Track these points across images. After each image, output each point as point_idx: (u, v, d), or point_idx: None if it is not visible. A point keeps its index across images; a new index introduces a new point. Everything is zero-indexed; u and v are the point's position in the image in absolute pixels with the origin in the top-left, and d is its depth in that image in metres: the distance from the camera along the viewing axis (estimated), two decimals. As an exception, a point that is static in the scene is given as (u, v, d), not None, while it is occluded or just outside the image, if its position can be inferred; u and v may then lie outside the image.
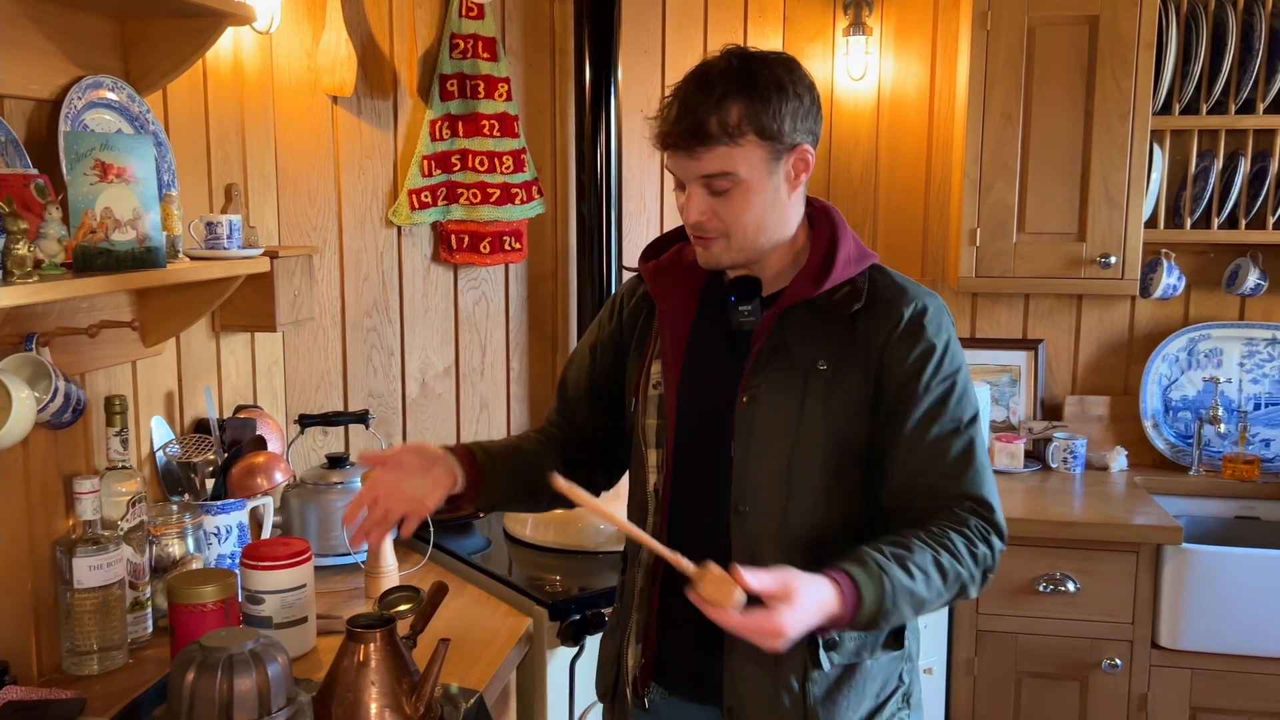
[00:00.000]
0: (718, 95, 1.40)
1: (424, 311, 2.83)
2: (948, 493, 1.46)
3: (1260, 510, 2.97)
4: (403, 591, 1.76)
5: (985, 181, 2.86)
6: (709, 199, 1.45)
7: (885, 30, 3.19)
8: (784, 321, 1.51)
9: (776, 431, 1.49)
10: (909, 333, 1.48)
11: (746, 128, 1.41)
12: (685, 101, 1.42)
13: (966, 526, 1.43)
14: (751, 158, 1.42)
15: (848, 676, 1.53)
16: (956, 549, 1.41)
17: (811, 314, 1.50)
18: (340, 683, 1.49)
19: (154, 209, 1.70)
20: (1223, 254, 3.06)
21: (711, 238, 1.48)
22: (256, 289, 2.21)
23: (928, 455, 1.46)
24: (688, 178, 1.46)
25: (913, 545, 1.39)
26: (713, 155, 1.41)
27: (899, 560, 1.36)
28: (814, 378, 1.48)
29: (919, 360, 1.47)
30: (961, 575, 1.41)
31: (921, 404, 1.47)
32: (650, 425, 1.58)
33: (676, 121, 1.42)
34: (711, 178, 1.43)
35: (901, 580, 1.35)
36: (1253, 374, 3.08)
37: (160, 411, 2.12)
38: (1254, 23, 2.80)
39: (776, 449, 1.49)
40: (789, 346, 1.50)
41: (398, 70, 2.70)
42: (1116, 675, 2.63)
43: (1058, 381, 3.24)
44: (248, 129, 2.39)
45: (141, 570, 1.84)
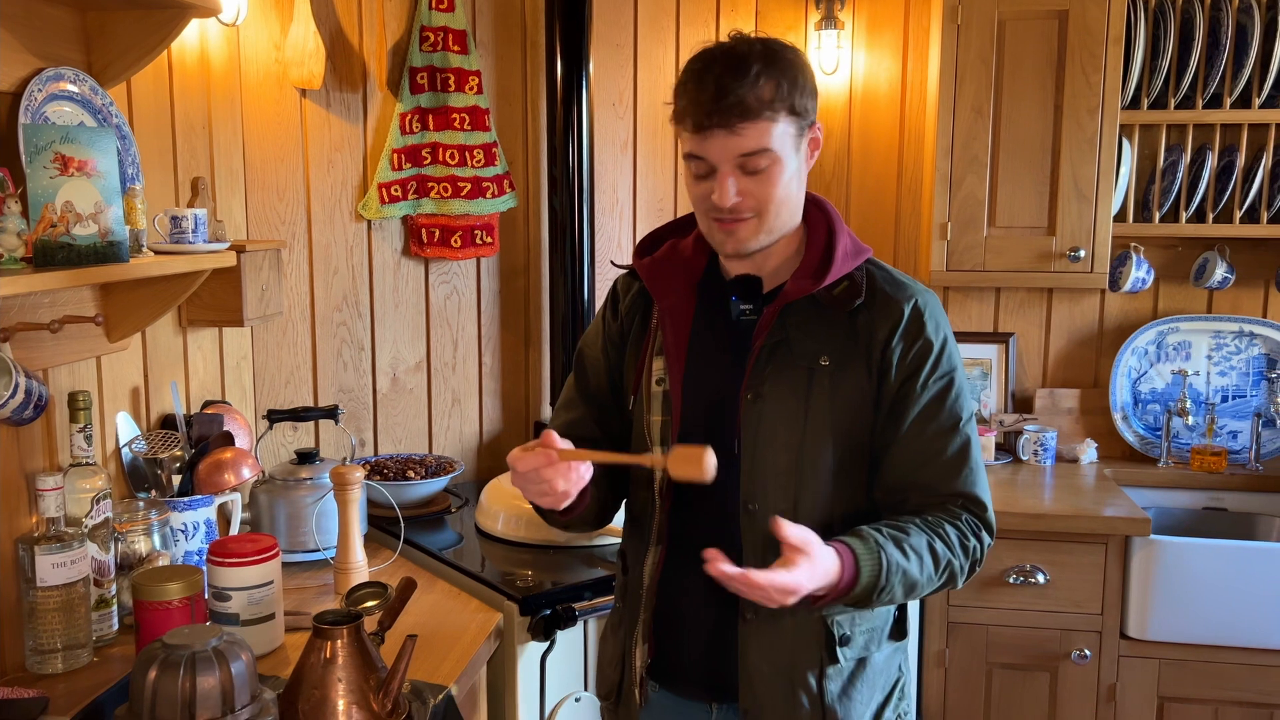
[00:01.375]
0: (755, 72, 1.40)
1: (395, 306, 2.81)
2: (941, 490, 1.49)
3: (1228, 501, 3.00)
4: (370, 588, 1.75)
5: (956, 175, 2.87)
6: (744, 180, 1.44)
7: (857, 24, 3.19)
8: (784, 318, 1.51)
9: (783, 429, 1.49)
10: (910, 329, 1.50)
11: (780, 105, 1.41)
12: (720, 80, 1.40)
13: (959, 520, 1.48)
14: (784, 134, 1.43)
15: (860, 671, 1.55)
16: (949, 537, 1.45)
17: (811, 310, 1.51)
18: (306, 680, 1.48)
19: (116, 203, 1.68)
20: (1191, 247, 3.08)
21: (744, 219, 1.46)
22: (224, 283, 2.19)
23: (924, 452, 1.49)
24: (724, 158, 1.43)
25: (909, 529, 1.44)
26: (755, 131, 1.41)
27: (895, 541, 1.41)
28: (817, 374, 1.49)
29: (918, 357, 1.49)
30: (953, 564, 1.45)
31: (920, 401, 1.49)
32: (655, 422, 1.57)
33: (716, 99, 1.40)
34: (750, 155, 1.42)
35: (897, 558, 1.39)
36: (1220, 366, 3.11)
37: (126, 407, 2.10)
38: (1221, 18, 2.81)
39: (783, 446, 1.49)
40: (790, 343, 1.50)
41: (367, 63, 2.68)
42: (1085, 666, 2.65)
43: (1028, 374, 3.25)
44: (214, 122, 2.37)
45: (106, 568, 1.82)
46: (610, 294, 1.72)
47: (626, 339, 1.65)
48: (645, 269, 1.61)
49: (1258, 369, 3.08)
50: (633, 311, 1.65)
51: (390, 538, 2.36)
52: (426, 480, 2.59)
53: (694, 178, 1.48)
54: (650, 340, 1.60)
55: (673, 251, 1.62)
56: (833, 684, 1.52)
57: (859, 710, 1.54)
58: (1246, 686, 2.60)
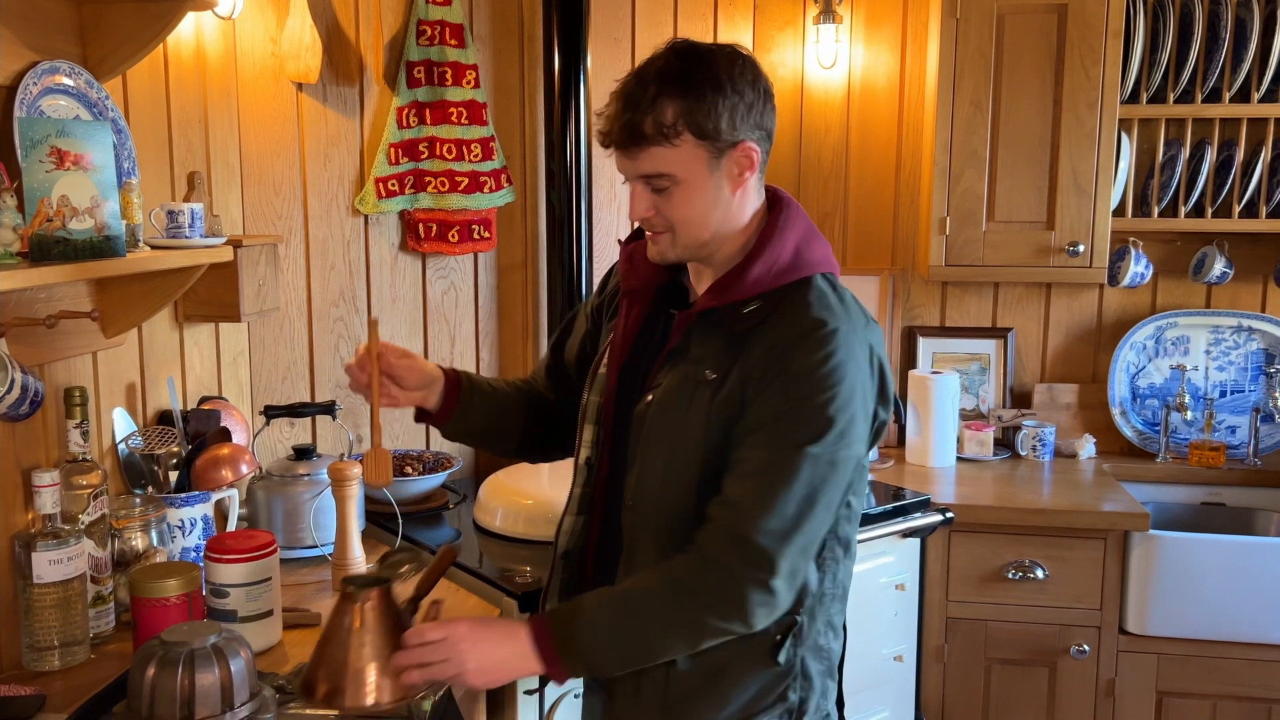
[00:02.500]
0: (651, 95, 1.39)
1: (392, 301, 2.80)
2: (718, 500, 1.42)
3: (1226, 496, 3.00)
4: (405, 553, 1.62)
5: (955, 170, 2.87)
6: (651, 196, 1.46)
7: (855, 18, 3.18)
8: (690, 328, 1.52)
9: (659, 435, 1.51)
10: (778, 354, 1.42)
11: (682, 127, 1.40)
12: (620, 101, 1.43)
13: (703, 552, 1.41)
14: (689, 158, 1.42)
15: (709, 684, 1.51)
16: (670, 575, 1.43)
17: (714, 323, 1.49)
18: (331, 643, 1.43)
19: (113, 197, 1.67)
20: (1189, 242, 3.08)
21: (659, 232, 1.49)
22: (220, 279, 2.17)
23: (730, 463, 1.44)
24: (629, 176, 1.47)
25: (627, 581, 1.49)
26: (648, 156, 1.42)
27: (599, 595, 1.47)
28: (701, 386, 1.48)
29: (769, 378, 1.42)
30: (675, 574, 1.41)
31: (749, 416, 1.43)
32: (593, 402, 1.63)
33: (613, 120, 1.43)
34: (650, 177, 1.44)
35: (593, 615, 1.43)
36: (1219, 361, 3.11)
37: (122, 403, 2.09)
38: (1220, 12, 2.81)
39: (657, 451, 1.51)
40: (687, 352, 1.51)
41: (364, 57, 2.67)
42: (1084, 661, 2.65)
43: (1027, 369, 3.25)
44: (211, 116, 2.35)
45: (103, 564, 1.81)
46: (611, 269, 1.77)
47: (603, 316, 1.72)
48: (624, 252, 1.65)
49: (1256, 364, 3.08)
50: (607, 292, 1.72)
51: (388, 534, 2.35)
52: (424, 476, 2.58)
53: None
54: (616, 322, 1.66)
55: None
56: (676, 686, 1.51)
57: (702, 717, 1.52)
58: (1245, 681, 2.60)
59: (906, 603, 2.66)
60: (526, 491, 2.43)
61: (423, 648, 1.40)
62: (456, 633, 1.41)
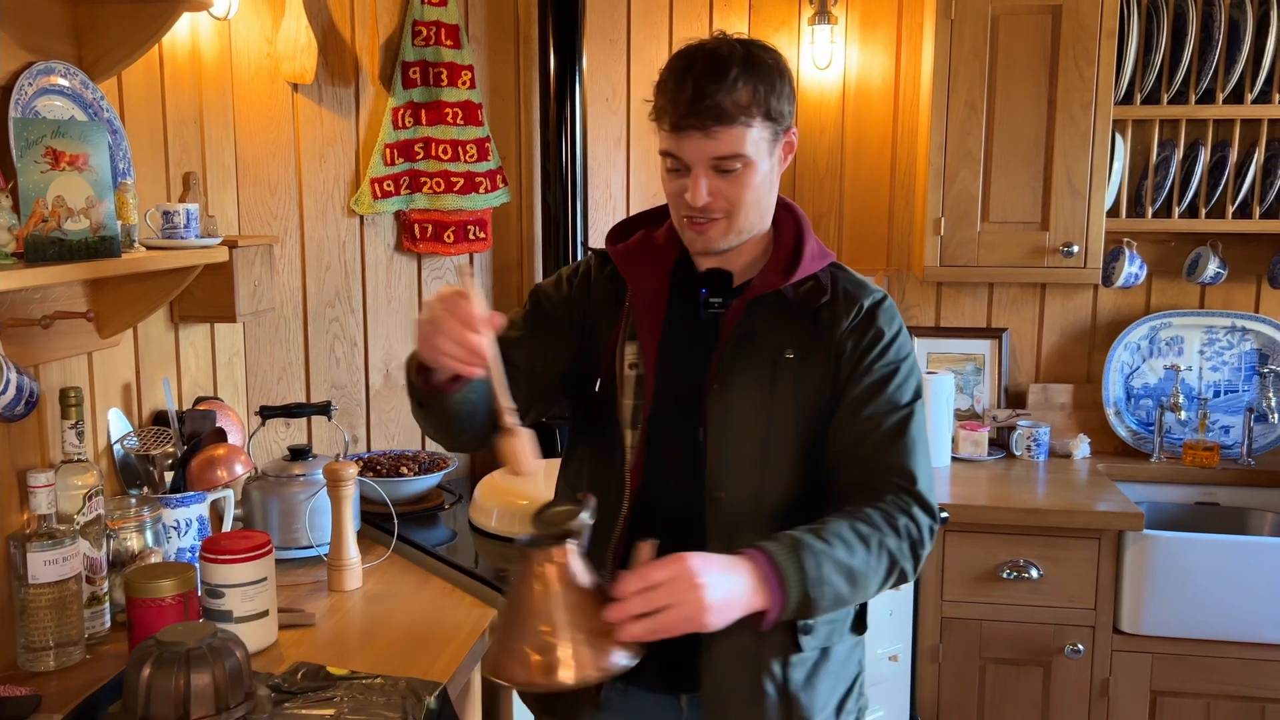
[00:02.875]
0: (732, 76, 1.41)
1: (387, 302, 2.80)
2: (874, 463, 1.48)
3: (1220, 496, 3.00)
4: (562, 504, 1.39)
5: (949, 171, 2.87)
6: (715, 181, 1.45)
7: (850, 19, 3.19)
8: (752, 312, 1.53)
9: (749, 419, 1.50)
10: (864, 321, 1.53)
11: (756, 110, 1.43)
12: (699, 81, 1.41)
13: (882, 501, 1.45)
14: (758, 139, 1.44)
15: (823, 661, 1.55)
16: (872, 519, 1.43)
17: (778, 305, 1.53)
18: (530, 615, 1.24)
19: (108, 197, 1.67)
20: (1183, 243, 3.09)
21: (714, 219, 1.48)
22: (216, 279, 2.18)
23: (860, 430, 1.50)
24: (698, 159, 1.44)
25: (826, 520, 1.41)
26: (729, 136, 1.42)
27: (812, 532, 1.38)
28: (782, 366, 1.51)
29: (867, 345, 1.52)
30: (886, 544, 1.42)
31: (861, 383, 1.50)
32: (628, 406, 1.56)
33: (693, 101, 1.41)
34: (723, 159, 1.43)
35: (817, 546, 1.35)
36: (1212, 362, 3.11)
37: (118, 403, 2.09)
38: (1214, 13, 2.82)
39: (750, 436, 1.50)
40: (756, 336, 1.52)
41: (359, 57, 2.67)
42: (1079, 660, 2.66)
43: (1021, 370, 3.26)
44: (206, 117, 2.35)
45: (99, 565, 1.81)
46: (582, 268, 1.68)
47: (588, 316, 1.63)
48: (619, 255, 1.62)
49: (1249, 364, 3.09)
50: (602, 294, 1.63)
51: (384, 534, 2.36)
52: (420, 476, 2.58)
53: (668, 175, 1.50)
54: (621, 325, 1.59)
55: (646, 240, 1.63)
56: (796, 672, 1.52)
57: (821, 701, 1.54)
58: (1239, 680, 2.60)
59: (901, 602, 2.67)
60: (522, 492, 2.44)
61: (649, 593, 1.23)
62: (689, 567, 1.24)
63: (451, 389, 1.41)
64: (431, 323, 1.29)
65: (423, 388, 1.44)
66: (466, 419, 1.49)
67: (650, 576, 1.24)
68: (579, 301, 1.64)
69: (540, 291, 1.69)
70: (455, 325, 1.26)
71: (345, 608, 2.02)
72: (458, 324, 1.26)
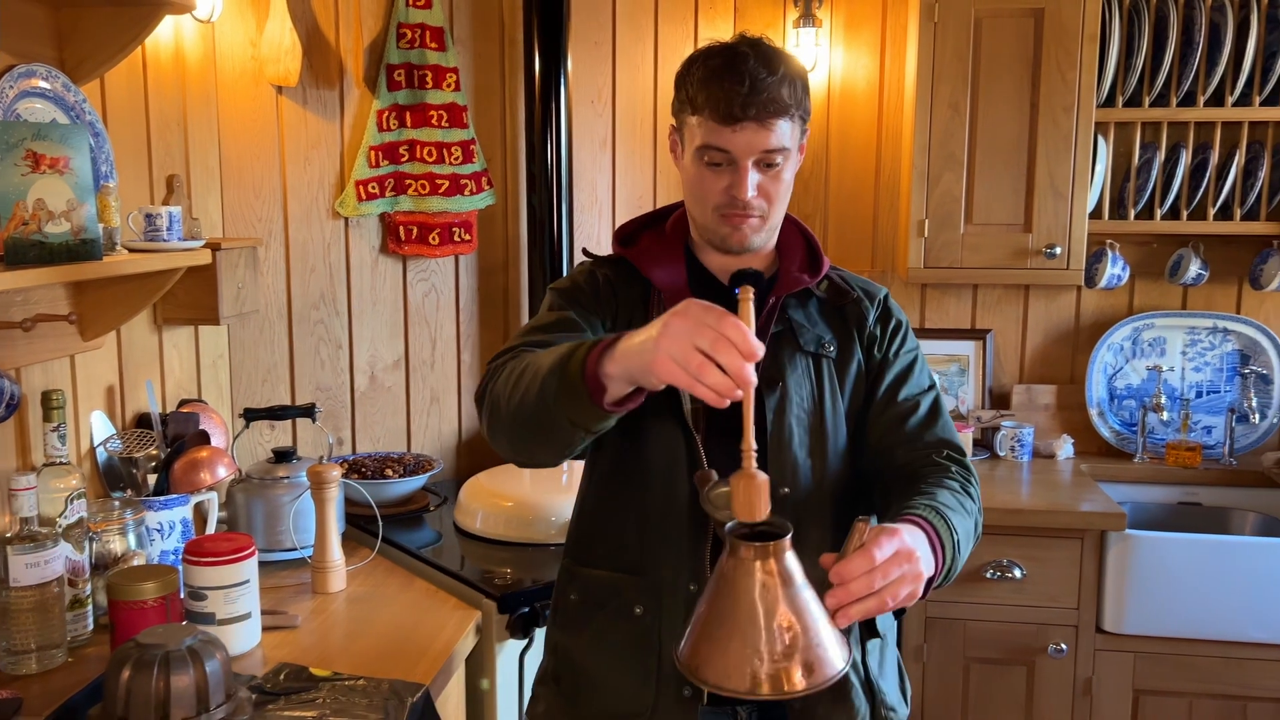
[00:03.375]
0: (781, 73, 1.43)
1: (372, 304, 2.80)
2: (922, 440, 1.54)
3: (1202, 496, 3.02)
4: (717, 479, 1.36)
5: (933, 173, 2.88)
6: (760, 175, 1.47)
7: (835, 22, 3.20)
8: (784, 310, 1.56)
9: (805, 414, 1.53)
10: (884, 312, 1.62)
11: (796, 107, 1.46)
12: (755, 74, 1.41)
13: (950, 474, 1.50)
14: (794, 135, 1.48)
15: (885, 648, 1.59)
16: (955, 489, 1.46)
17: (807, 303, 1.58)
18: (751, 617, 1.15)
19: (90, 200, 1.67)
20: (1165, 244, 3.11)
21: (752, 216, 1.49)
22: (199, 281, 2.18)
23: (900, 412, 1.56)
24: (748, 152, 1.44)
25: (929, 491, 1.42)
26: (781, 129, 1.44)
27: (931, 499, 1.39)
28: (826, 361, 1.56)
29: (892, 333, 1.61)
30: (973, 509, 1.47)
31: (893, 370, 1.58)
32: (688, 411, 1.51)
33: (751, 94, 1.41)
34: (772, 151, 1.45)
35: (946, 513, 1.37)
36: (1195, 362, 3.13)
37: (100, 406, 2.09)
38: (1195, 16, 2.84)
39: (808, 430, 1.53)
40: (795, 332, 1.55)
41: (344, 60, 2.68)
42: (1062, 660, 2.67)
43: (1005, 371, 3.27)
44: (190, 119, 2.36)
45: (81, 568, 1.81)
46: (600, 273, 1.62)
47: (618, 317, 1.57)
48: (639, 257, 1.60)
49: (1231, 364, 3.11)
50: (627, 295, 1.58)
51: (369, 536, 2.36)
52: (405, 479, 2.58)
53: (707, 170, 1.47)
54: None
55: (654, 243, 1.62)
56: (873, 660, 1.56)
57: (890, 686, 1.58)
58: (1220, 679, 2.62)
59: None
60: (507, 494, 2.44)
61: (872, 574, 1.18)
62: (905, 541, 1.22)
63: (623, 408, 1.28)
64: (701, 346, 1.14)
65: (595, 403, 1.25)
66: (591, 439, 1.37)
67: (874, 555, 1.18)
68: (608, 303, 1.59)
69: (565, 293, 1.60)
70: (734, 355, 1.13)
71: (329, 610, 2.02)
72: (738, 353, 1.13)
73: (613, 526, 1.57)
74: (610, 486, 1.59)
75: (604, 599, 1.56)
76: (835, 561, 1.19)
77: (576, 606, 1.59)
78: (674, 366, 1.15)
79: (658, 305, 1.56)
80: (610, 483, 1.59)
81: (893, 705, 1.57)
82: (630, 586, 1.53)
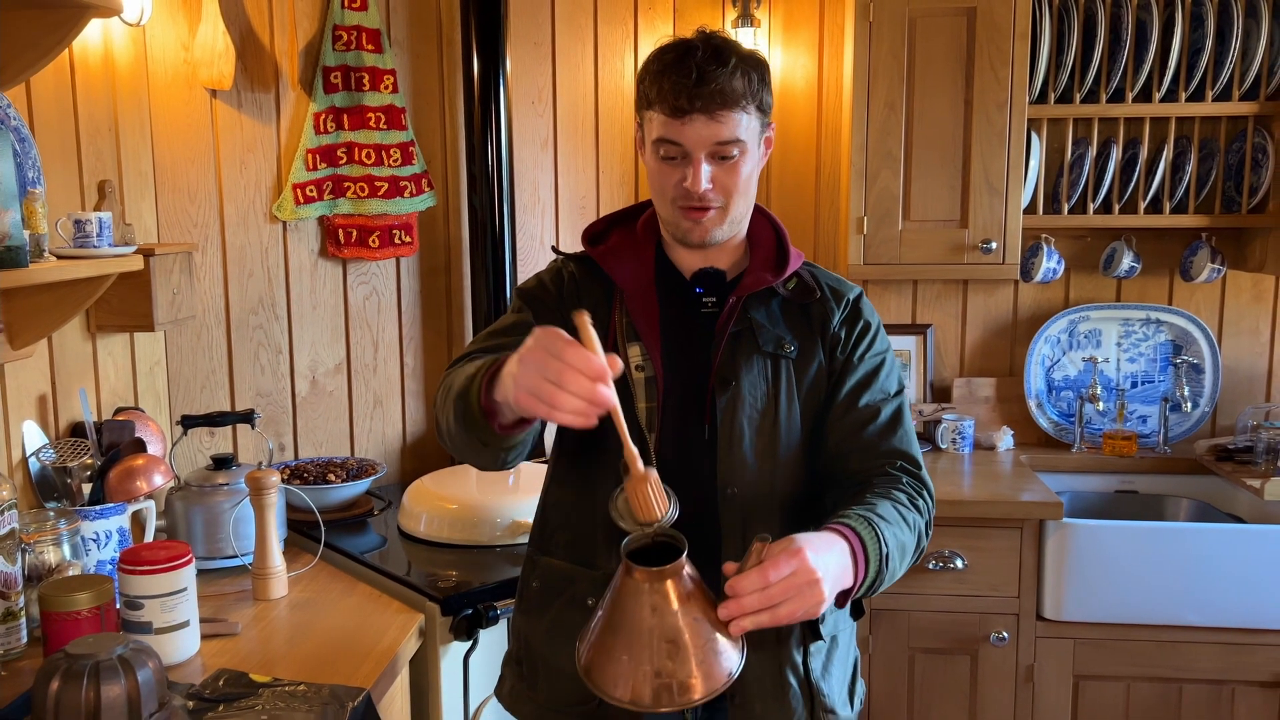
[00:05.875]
0: (733, 65, 1.44)
1: (312, 308, 2.78)
2: (878, 449, 1.55)
3: (1138, 484, 3.09)
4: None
5: (871, 170, 2.92)
6: (714, 168, 1.48)
7: (774, 22, 3.22)
8: (747, 308, 1.56)
9: (756, 415, 1.53)
10: (852, 312, 1.61)
11: (751, 99, 1.46)
12: (703, 66, 1.43)
13: (900, 485, 1.51)
14: (751, 128, 1.48)
15: (833, 649, 1.59)
16: (900, 499, 1.47)
17: (771, 301, 1.58)
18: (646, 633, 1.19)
19: (14, 207, 1.65)
20: (1099, 238, 3.17)
21: (709, 209, 1.50)
22: (133, 288, 2.15)
23: (859, 418, 1.56)
24: (700, 145, 1.46)
25: (872, 501, 1.44)
26: (732, 121, 1.45)
27: (869, 507, 1.41)
28: (784, 361, 1.55)
29: (858, 335, 1.59)
30: (917, 523, 1.48)
31: (857, 372, 1.57)
32: (643, 409, 1.54)
33: (699, 85, 1.43)
34: (725, 144, 1.46)
35: (884, 526, 1.38)
36: (1129, 353, 3.20)
37: (32, 415, 2.06)
38: (1122, 15, 2.90)
39: (758, 430, 1.53)
40: (755, 332, 1.55)
41: (279, 63, 2.65)
42: (1004, 648, 2.72)
43: (946, 364, 3.32)
44: (121, 124, 2.32)
45: (13, 579, 1.78)
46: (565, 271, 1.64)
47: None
48: (603, 256, 1.61)
49: (1164, 355, 3.18)
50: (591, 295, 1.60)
51: (311, 542, 2.34)
52: (348, 483, 2.56)
53: (662, 164, 1.50)
54: (616, 327, 1.57)
55: (623, 241, 1.62)
56: (815, 662, 1.56)
57: (836, 688, 1.58)
58: (1157, 662, 2.68)
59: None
60: (451, 496, 2.43)
61: (768, 590, 1.20)
62: (807, 561, 1.21)
63: (521, 430, 1.33)
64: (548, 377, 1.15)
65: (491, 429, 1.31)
66: (520, 449, 1.42)
67: (769, 575, 1.20)
68: (570, 303, 1.60)
69: (528, 294, 1.64)
70: (581, 380, 1.14)
71: (270, 616, 2.01)
72: (584, 378, 1.14)
73: (570, 519, 1.62)
74: (568, 480, 1.63)
75: (561, 588, 1.60)
76: (734, 573, 1.23)
77: (537, 594, 1.64)
78: (530, 399, 1.17)
79: (620, 304, 1.58)
80: (569, 476, 1.63)
81: (832, 707, 1.57)
82: (583, 578, 1.57)
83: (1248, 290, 3.19)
